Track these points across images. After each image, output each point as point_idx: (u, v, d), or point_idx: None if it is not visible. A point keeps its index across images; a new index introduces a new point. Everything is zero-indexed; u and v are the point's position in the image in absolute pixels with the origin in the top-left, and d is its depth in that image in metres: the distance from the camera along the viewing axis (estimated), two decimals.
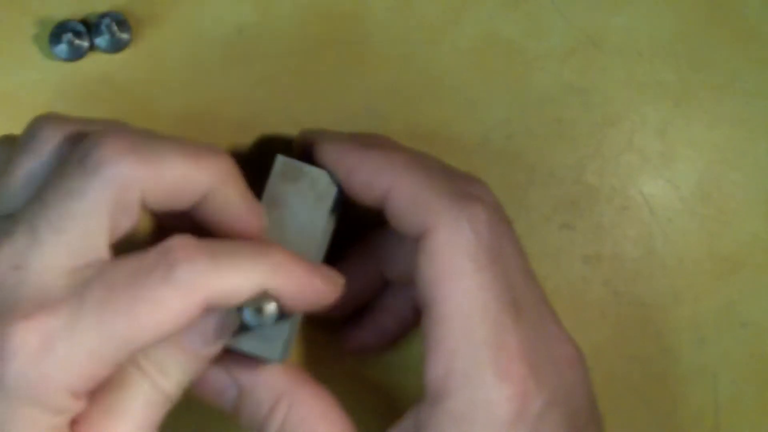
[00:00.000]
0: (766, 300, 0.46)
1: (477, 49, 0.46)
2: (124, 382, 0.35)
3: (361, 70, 0.45)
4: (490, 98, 0.46)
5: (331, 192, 0.39)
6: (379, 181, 0.38)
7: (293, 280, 0.36)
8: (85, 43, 0.44)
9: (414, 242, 0.38)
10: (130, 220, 0.34)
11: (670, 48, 0.46)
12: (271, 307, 0.38)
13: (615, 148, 0.46)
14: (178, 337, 0.36)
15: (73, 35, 0.43)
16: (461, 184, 0.38)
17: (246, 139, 0.45)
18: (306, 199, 0.39)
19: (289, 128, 0.45)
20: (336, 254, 0.44)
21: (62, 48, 0.43)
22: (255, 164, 0.45)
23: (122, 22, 0.44)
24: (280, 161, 0.39)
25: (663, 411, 0.46)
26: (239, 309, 0.37)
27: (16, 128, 0.44)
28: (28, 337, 0.32)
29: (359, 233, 0.44)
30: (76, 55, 0.44)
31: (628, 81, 0.46)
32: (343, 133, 0.42)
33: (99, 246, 0.34)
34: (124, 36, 0.44)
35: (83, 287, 0.33)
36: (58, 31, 0.43)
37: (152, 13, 0.44)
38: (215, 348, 0.37)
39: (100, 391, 0.35)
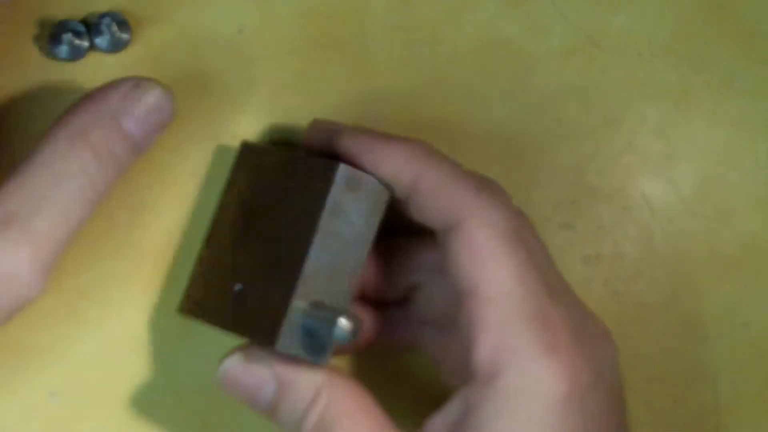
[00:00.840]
0: (766, 299, 0.46)
1: (477, 49, 0.46)
2: (58, 167, 0.37)
3: (361, 70, 0.45)
4: (490, 98, 0.46)
5: (384, 201, 0.40)
6: (406, 171, 0.39)
7: None
8: (85, 43, 0.43)
9: (428, 242, 0.39)
10: None
11: (670, 48, 0.46)
12: (346, 323, 0.37)
13: (615, 148, 0.46)
14: (116, 118, 0.38)
15: (73, 35, 0.43)
16: (479, 178, 0.40)
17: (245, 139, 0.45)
18: (363, 208, 0.39)
19: (289, 128, 0.45)
20: None
21: (62, 48, 0.43)
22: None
23: (122, 22, 0.43)
24: (343, 170, 0.39)
25: (663, 411, 0.46)
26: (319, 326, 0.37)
27: (16, 128, 0.44)
28: None
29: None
30: (76, 55, 0.44)
31: (628, 81, 0.46)
32: (361, 127, 0.42)
33: None
34: (124, 36, 0.44)
35: None
36: (58, 31, 0.43)
37: (152, 13, 0.44)
38: (145, 140, 0.38)
39: (37, 167, 0.36)
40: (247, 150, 0.43)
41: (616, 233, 0.46)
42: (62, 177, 0.36)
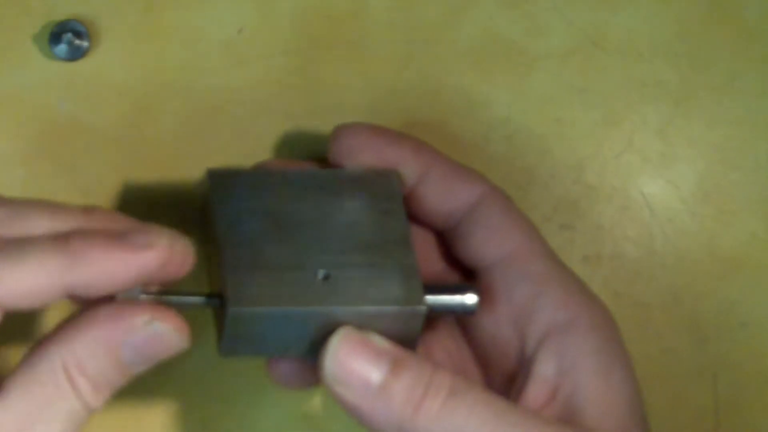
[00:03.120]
0: (766, 300, 0.46)
1: (477, 49, 0.46)
2: (50, 393, 0.34)
3: (361, 70, 0.45)
4: (490, 98, 0.46)
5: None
6: (418, 163, 0.41)
7: (101, 265, 0.34)
8: (85, 43, 0.44)
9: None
10: None
11: (670, 48, 0.46)
12: None
13: (615, 148, 0.46)
14: (117, 349, 0.34)
15: (73, 35, 0.43)
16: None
17: (245, 139, 0.45)
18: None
19: (290, 129, 0.45)
20: None
21: (62, 48, 0.43)
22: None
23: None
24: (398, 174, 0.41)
25: (663, 411, 0.46)
26: None
27: (17, 128, 0.44)
28: None
29: None
30: (76, 55, 0.44)
31: (628, 81, 0.46)
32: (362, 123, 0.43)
33: None
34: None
35: None
36: (58, 31, 0.43)
37: (152, 13, 0.44)
38: (144, 367, 0.36)
39: (27, 393, 0.34)
40: (219, 175, 0.40)
41: (616, 233, 0.46)
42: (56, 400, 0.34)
